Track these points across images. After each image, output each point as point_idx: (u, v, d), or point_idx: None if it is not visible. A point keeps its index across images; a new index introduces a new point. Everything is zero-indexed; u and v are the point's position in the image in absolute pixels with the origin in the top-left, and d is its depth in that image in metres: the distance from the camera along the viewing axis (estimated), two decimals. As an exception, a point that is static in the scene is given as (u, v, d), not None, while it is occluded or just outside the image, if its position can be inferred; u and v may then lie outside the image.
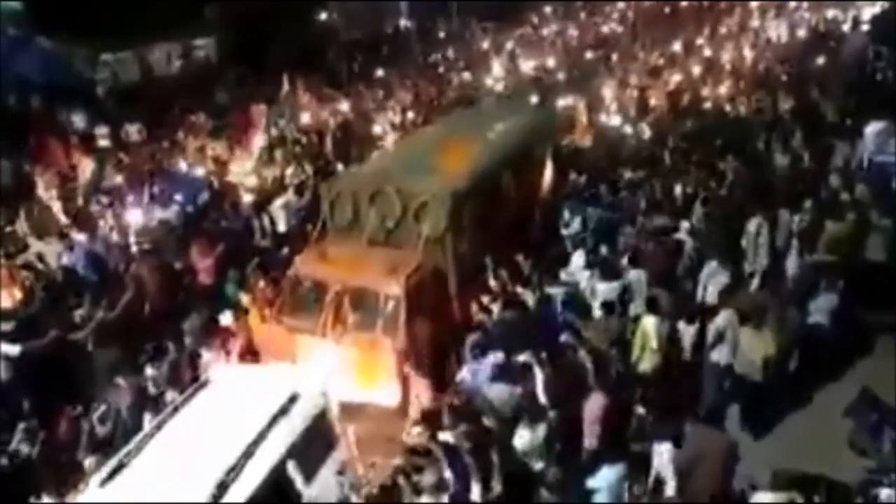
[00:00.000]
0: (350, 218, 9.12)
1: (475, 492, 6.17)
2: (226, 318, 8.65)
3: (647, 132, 15.19)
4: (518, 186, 10.38)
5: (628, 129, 15.60)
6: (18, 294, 9.38)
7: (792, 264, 9.62)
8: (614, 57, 22.22)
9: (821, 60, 19.66)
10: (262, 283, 9.04)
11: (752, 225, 9.84)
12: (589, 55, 23.27)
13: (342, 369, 7.87)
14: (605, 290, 8.71)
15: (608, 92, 17.86)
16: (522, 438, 6.61)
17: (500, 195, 9.92)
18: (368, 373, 8.01)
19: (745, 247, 9.86)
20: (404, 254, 8.63)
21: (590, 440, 6.79)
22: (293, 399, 6.20)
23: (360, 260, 8.62)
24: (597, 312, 8.49)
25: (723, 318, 8.10)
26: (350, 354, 8.05)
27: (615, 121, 16.21)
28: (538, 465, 6.64)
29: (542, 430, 6.59)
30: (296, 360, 8.13)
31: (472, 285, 8.83)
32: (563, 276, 9.34)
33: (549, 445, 6.65)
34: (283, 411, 6.05)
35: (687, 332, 8.13)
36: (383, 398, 7.90)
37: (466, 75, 21.77)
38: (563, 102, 16.96)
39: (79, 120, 16.05)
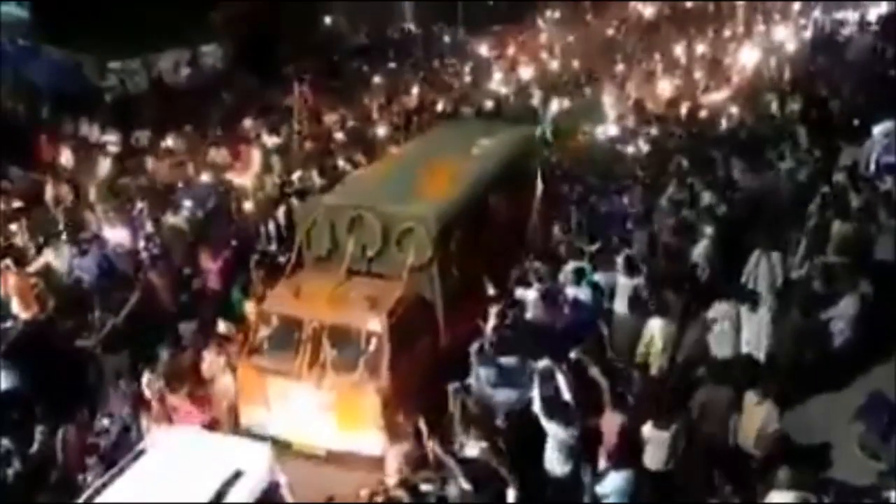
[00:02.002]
0: (328, 247, 8.49)
1: (511, 495, 6.11)
2: (222, 327, 8.48)
3: (643, 144, 14.86)
4: (507, 206, 9.79)
5: (626, 139, 15.35)
6: (33, 303, 9.36)
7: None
8: (617, 65, 22.14)
9: (828, 61, 19.61)
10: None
11: (752, 259, 9.07)
12: (592, 60, 23.21)
13: (321, 414, 7.45)
14: (628, 285, 8.67)
15: (608, 99, 17.74)
16: (556, 439, 6.52)
17: (488, 216, 9.35)
18: (350, 418, 7.42)
19: (745, 281, 9.03)
20: (387, 285, 8.04)
21: (605, 457, 6.65)
22: (237, 475, 5.64)
23: (339, 293, 7.95)
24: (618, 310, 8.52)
25: (716, 311, 8.13)
26: (329, 398, 7.47)
27: (612, 130, 15.95)
28: (564, 469, 6.57)
29: (573, 431, 6.50)
30: (269, 405, 7.66)
31: (462, 314, 8.28)
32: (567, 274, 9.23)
33: (574, 449, 6.58)
34: (224, 491, 5.47)
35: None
36: (367, 446, 7.29)
37: (467, 80, 21.80)
38: (554, 109, 16.89)
39: (87, 127, 16.12)
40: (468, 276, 8.57)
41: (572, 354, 7.34)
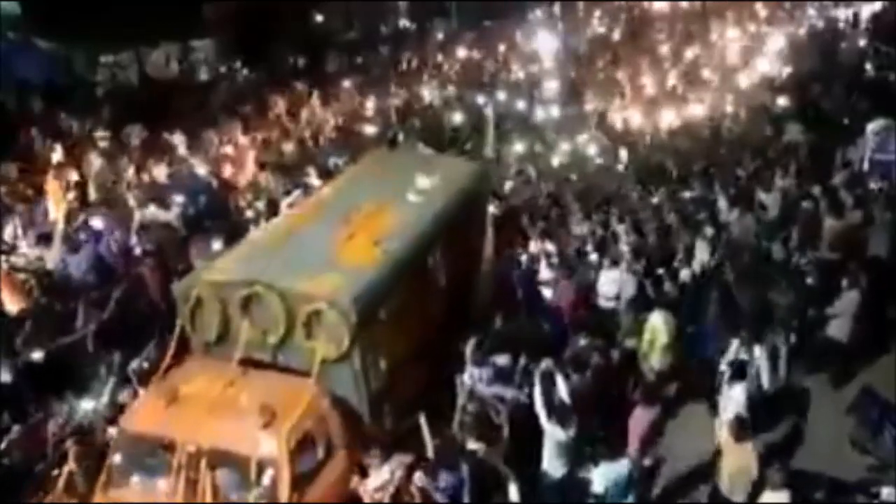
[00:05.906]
0: (219, 331, 6.61)
1: (512, 492, 6.09)
2: None
3: (621, 165, 14.71)
4: (451, 265, 7.90)
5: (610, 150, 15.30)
6: (20, 299, 9.27)
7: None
8: (603, 68, 22.10)
9: (820, 60, 19.70)
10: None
11: (731, 350, 7.51)
12: (577, 65, 23.11)
13: None
14: (630, 279, 8.83)
15: (590, 107, 17.67)
16: (554, 440, 6.50)
17: (427, 283, 7.56)
18: None
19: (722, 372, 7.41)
20: (293, 384, 6.24)
21: (631, 451, 6.69)
22: None
23: (227, 399, 6.08)
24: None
25: None
26: None
27: (592, 149, 15.73)
28: (562, 469, 6.54)
29: (570, 432, 6.46)
30: None
31: (393, 413, 6.72)
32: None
33: (570, 449, 6.58)
34: None
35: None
36: None
37: (456, 79, 21.75)
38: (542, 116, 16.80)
39: (78, 121, 16.00)
40: (402, 365, 6.83)
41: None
